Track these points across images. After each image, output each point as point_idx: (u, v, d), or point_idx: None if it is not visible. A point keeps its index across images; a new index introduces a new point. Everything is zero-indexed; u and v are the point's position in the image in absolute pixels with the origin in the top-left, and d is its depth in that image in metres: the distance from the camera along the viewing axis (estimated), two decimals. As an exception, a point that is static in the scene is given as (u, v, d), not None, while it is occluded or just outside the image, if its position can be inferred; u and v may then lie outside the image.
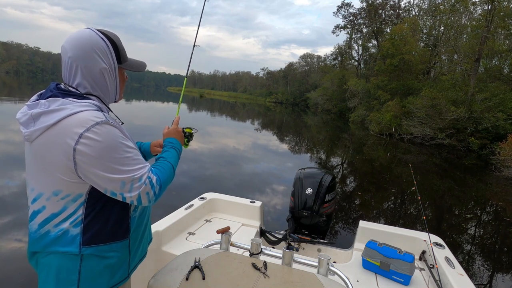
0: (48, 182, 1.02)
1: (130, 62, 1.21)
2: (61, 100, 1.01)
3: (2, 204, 4.69)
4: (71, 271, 1.04)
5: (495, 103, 15.40)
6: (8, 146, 8.04)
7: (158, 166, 1.18)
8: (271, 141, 15.11)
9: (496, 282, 4.01)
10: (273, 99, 71.76)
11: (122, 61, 1.18)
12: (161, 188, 1.11)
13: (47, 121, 0.98)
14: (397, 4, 37.41)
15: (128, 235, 1.16)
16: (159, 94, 76.69)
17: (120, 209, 1.12)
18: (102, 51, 1.09)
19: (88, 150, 0.97)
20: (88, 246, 1.05)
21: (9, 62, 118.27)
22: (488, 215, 7.14)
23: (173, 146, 1.34)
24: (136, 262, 1.27)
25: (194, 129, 1.63)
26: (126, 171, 1.02)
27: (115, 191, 1.03)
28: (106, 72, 1.11)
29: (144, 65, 1.26)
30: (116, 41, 1.14)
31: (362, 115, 26.73)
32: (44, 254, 1.05)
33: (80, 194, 1.04)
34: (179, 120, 1.53)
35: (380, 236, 2.61)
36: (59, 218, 1.03)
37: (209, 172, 7.86)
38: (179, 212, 2.71)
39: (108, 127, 1.01)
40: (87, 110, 1.01)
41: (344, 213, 5.97)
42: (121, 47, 1.16)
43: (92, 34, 1.08)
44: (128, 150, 1.05)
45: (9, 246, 3.60)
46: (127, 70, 1.24)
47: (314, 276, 1.33)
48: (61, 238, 1.03)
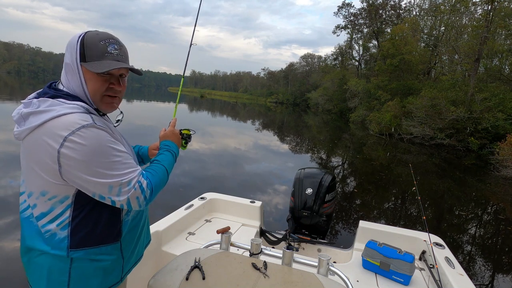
0: (36, 181, 1.02)
1: (92, 63, 1.05)
2: (51, 101, 1.00)
3: (3, 204, 4.70)
4: (62, 272, 1.04)
5: (494, 103, 15.37)
6: (9, 146, 8.05)
7: (150, 170, 1.16)
8: (272, 141, 15.11)
9: (497, 282, 4.01)
10: (274, 99, 71.72)
11: (87, 59, 1.05)
12: (152, 193, 1.09)
13: (34, 121, 0.98)
14: (397, 4, 37.41)
15: (120, 238, 1.15)
16: (160, 94, 76.72)
17: (110, 213, 1.10)
18: (70, 47, 1.06)
19: (73, 154, 0.95)
20: (76, 249, 1.04)
21: (11, 62, 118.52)
22: (488, 215, 7.13)
23: (168, 149, 1.32)
24: (131, 266, 1.26)
25: (192, 131, 1.60)
26: (113, 175, 1.00)
27: (103, 195, 1.01)
28: (68, 68, 1.08)
29: (108, 66, 1.05)
30: (88, 38, 1.05)
31: (362, 115, 26.70)
32: (37, 254, 1.05)
33: (67, 196, 1.03)
34: (176, 122, 1.51)
35: (380, 236, 2.61)
36: (47, 218, 1.03)
37: (209, 172, 7.87)
38: (179, 212, 2.71)
39: (94, 130, 0.99)
40: (74, 113, 0.99)
41: (344, 213, 5.97)
42: (90, 45, 1.05)
43: (78, 33, 1.08)
44: (116, 154, 1.02)
45: (12, 246, 3.61)
46: (90, 70, 1.06)
47: (314, 276, 1.33)
48: (50, 239, 1.03)
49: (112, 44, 1.09)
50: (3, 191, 5.20)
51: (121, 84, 1.15)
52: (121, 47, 1.12)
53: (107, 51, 1.07)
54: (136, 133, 11.41)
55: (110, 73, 1.09)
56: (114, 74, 1.11)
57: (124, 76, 1.16)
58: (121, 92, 1.16)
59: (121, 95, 1.17)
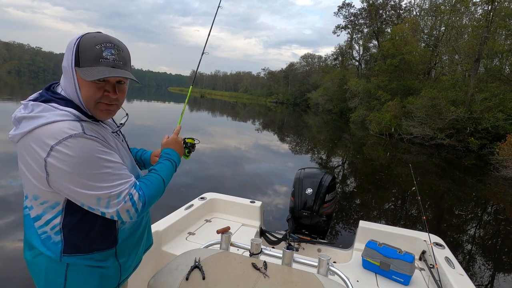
0: (29, 185, 1.01)
1: (85, 68, 0.99)
2: (43, 105, 0.98)
3: (5, 203, 4.70)
4: (58, 274, 1.05)
5: (495, 103, 15.38)
6: (10, 146, 8.04)
7: (145, 180, 1.11)
8: (272, 141, 15.10)
9: (497, 282, 4.01)
10: (274, 99, 71.73)
11: (81, 64, 0.99)
12: (145, 205, 1.06)
13: (25, 127, 0.95)
14: (397, 4, 37.42)
15: (115, 245, 1.13)
16: (160, 94, 76.68)
17: (104, 221, 1.07)
18: (68, 50, 1.02)
19: (60, 164, 0.92)
20: (69, 255, 1.04)
21: (11, 62, 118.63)
22: (488, 215, 7.13)
23: (168, 158, 1.27)
24: (130, 271, 1.25)
25: (196, 140, 1.54)
26: (102, 187, 0.97)
27: (92, 206, 0.99)
28: (64, 71, 1.04)
29: (98, 74, 0.99)
30: (84, 42, 1.00)
31: (362, 115, 26.71)
32: (36, 253, 1.06)
33: (57, 202, 1.01)
34: (180, 130, 1.47)
35: (380, 236, 2.61)
36: (41, 221, 1.03)
37: (209, 172, 7.87)
38: (179, 212, 2.71)
39: (82, 140, 0.94)
40: (63, 121, 0.95)
41: (344, 213, 5.97)
42: (85, 49, 0.99)
43: (77, 35, 1.04)
44: (106, 165, 0.98)
45: (13, 246, 3.61)
46: (81, 77, 1.00)
47: (314, 276, 1.33)
48: (46, 241, 1.04)
49: (109, 48, 1.01)
50: (3, 190, 5.20)
51: (117, 92, 1.06)
52: (119, 52, 1.04)
53: (102, 57, 1.00)
54: (136, 133, 11.44)
55: (106, 80, 1.03)
56: (110, 81, 1.04)
57: (122, 82, 1.09)
58: (118, 100, 1.08)
59: (119, 102, 1.10)
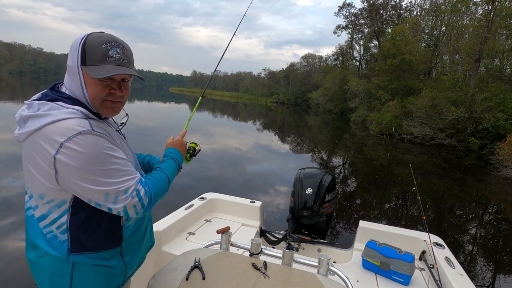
0: (35, 184, 1.02)
1: (92, 67, 1.02)
2: (50, 104, 0.99)
3: (6, 203, 4.71)
4: (63, 274, 1.05)
5: (495, 103, 15.36)
6: (12, 146, 8.06)
7: (151, 177, 1.14)
8: (273, 141, 15.11)
9: (498, 282, 4.01)
10: (275, 100, 71.65)
11: (87, 63, 1.03)
12: (151, 201, 1.08)
13: (32, 125, 0.97)
14: (398, 4, 37.38)
15: (121, 243, 1.14)
16: (161, 94, 76.73)
17: (110, 219, 1.09)
18: (73, 49, 1.04)
19: (69, 161, 0.94)
20: (76, 253, 1.05)
21: (12, 63, 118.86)
22: (488, 215, 7.12)
23: (172, 157, 1.30)
24: (134, 269, 1.26)
25: (199, 146, 1.58)
26: (110, 183, 0.99)
27: (99, 202, 1.00)
28: (69, 70, 1.06)
29: (107, 72, 1.02)
30: (90, 41, 1.03)
31: (363, 115, 26.69)
32: (41, 254, 1.06)
33: (64, 200, 1.02)
34: (185, 134, 1.51)
35: (380, 236, 2.61)
36: (46, 220, 1.04)
37: (210, 172, 7.87)
38: (179, 212, 2.71)
39: (91, 137, 0.97)
40: (72, 118, 0.98)
41: (344, 213, 5.97)
42: (91, 48, 1.02)
43: (81, 35, 1.06)
44: (114, 161, 1.01)
45: (14, 246, 3.62)
46: (89, 75, 1.03)
47: (314, 276, 1.34)
48: (52, 241, 1.04)
49: (114, 47, 1.05)
50: (5, 191, 5.21)
51: (123, 89, 1.11)
52: (124, 51, 1.08)
53: (109, 55, 1.03)
54: (137, 133, 11.46)
55: (111, 78, 1.06)
56: (115, 79, 1.08)
57: (127, 80, 1.12)
58: (123, 97, 1.12)
59: (123, 99, 1.14)
